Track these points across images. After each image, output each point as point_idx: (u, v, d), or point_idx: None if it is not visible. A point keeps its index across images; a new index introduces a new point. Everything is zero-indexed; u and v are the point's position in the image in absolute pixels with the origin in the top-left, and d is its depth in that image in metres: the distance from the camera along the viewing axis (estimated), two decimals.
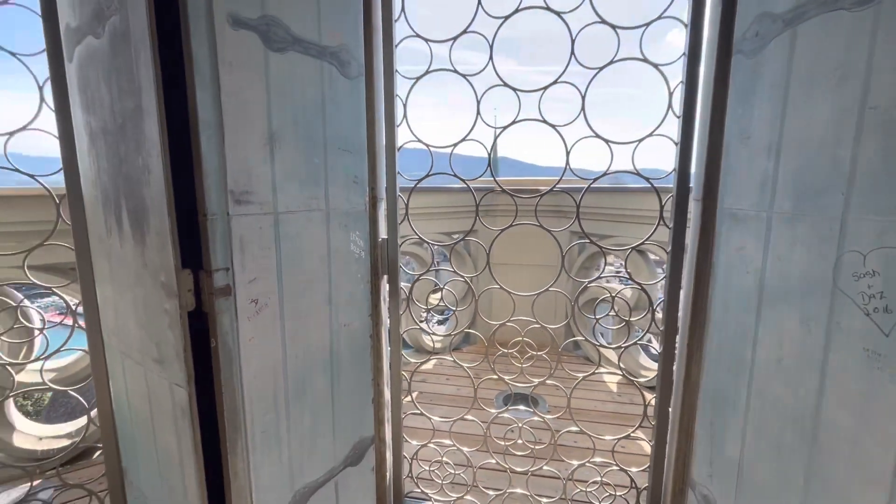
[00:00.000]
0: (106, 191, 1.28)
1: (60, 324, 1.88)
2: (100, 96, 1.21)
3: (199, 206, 1.11)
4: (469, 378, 1.97)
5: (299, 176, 1.33)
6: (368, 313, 1.70)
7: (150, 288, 1.17)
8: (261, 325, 1.26)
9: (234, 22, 1.12)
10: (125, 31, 1.06)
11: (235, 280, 1.18)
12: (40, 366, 1.86)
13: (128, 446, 1.60)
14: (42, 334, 1.68)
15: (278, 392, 1.34)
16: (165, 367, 1.18)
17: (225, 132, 1.12)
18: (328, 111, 1.41)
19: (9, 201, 2.07)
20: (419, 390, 3.24)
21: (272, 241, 1.27)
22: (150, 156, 1.06)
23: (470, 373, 1.91)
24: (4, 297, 2.04)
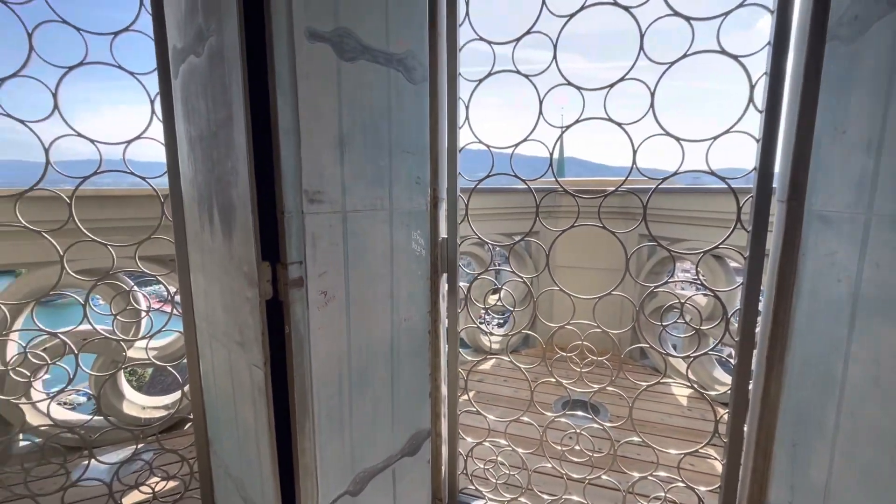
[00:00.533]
0: (201, 191, 1.44)
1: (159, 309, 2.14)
2: (198, 108, 1.38)
3: (278, 204, 1.22)
4: (527, 381, 1.96)
5: (366, 177, 1.41)
6: (427, 310, 1.75)
7: (235, 278, 1.30)
8: (328, 316, 1.36)
9: (310, 35, 1.22)
10: (220, 49, 1.20)
11: (307, 273, 1.28)
12: (145, 344, 2.13)
13: (213, 419, 1.79)
14: (148, 316, 1.94)
15: (343, 379, 1.43)
16: (246, 349, 1.31)
17: (301, 138, 1.22)
18: (394, 115, 1.48)
19: (123, 200, 2.40)
20: (476, 389, 3.27)
21: (340, 238, 1.36)
22: (238, 160, 1.19)
23: (527, 375, 1.89)
24: (119, 282, 2.36)
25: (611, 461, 1.87)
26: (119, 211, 2.38)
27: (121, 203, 2.40)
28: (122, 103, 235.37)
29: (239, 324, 1.33)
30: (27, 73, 1.58)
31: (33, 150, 1.81)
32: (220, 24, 1.19)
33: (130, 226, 2.36)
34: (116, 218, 2.34)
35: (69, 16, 1.63)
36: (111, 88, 37.00)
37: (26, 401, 2.28)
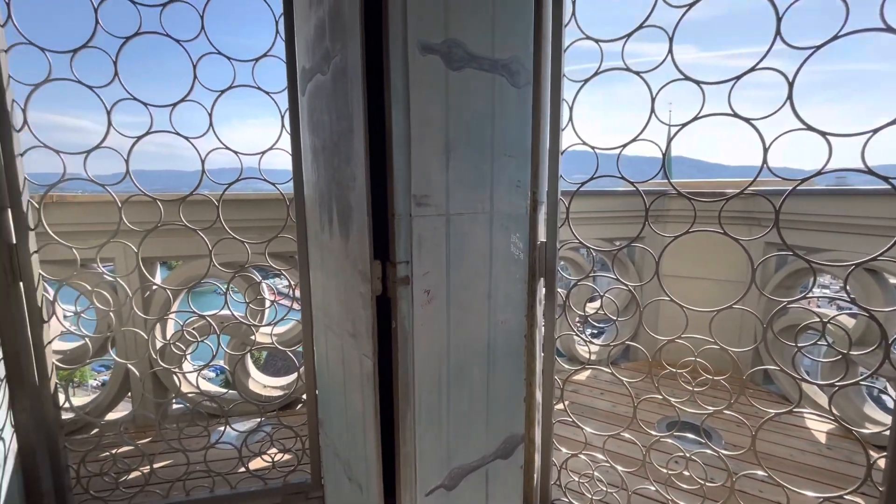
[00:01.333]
0: (322, 195, 1.61)
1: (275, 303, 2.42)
2: (322, 121, 1.54)
3: (389, 207, 1.31)
4: (629, 396, 1.84)
5: (468, 181, 1.45)
6: (524, 314, 1.74)
7: (350, 274, 1.43)
8: (430, 314, 1.42)
9: (422, 49, 1.29)
10: (344, 67, 1.33)
11: (413, 272, 1.35)
12: (270, 329, 2.43)
13: (324, 402, 1.97)
14: (273, 305, 2.21)
15: (441, 375, 1.48)
16: (357, 340, 1.42)
17: (412, 145, 1.30)
18: (497, 120, 1.51)
19: (254, 203, 2.74)
20: (570, 400, 3.15)
21: (443, 240, 1.41)
22: (356, 166, 1.30)
23: (630, 390, 1.79)
24: (250, 275, 2.72)
25: (727, 494, 1.68)
26: (251, 212, 2.72)
27: (253, 206, 2.75)
28: (249, 118, 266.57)
29: (352, 316, 1.45)
30: (191, 98, 1.91)
31: (179, 161, 2.17)
32: (344, 45, 1.32)
33: (259, 226, 2.68)
34: (249, 219, 2.68)
35: (219, 46, 1.92)
36: (241, 105, 42.44)
37: (180, 370, 2.72)
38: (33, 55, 1.85)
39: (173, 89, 2.55)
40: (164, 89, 36.82)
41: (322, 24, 1.46)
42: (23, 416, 1.82)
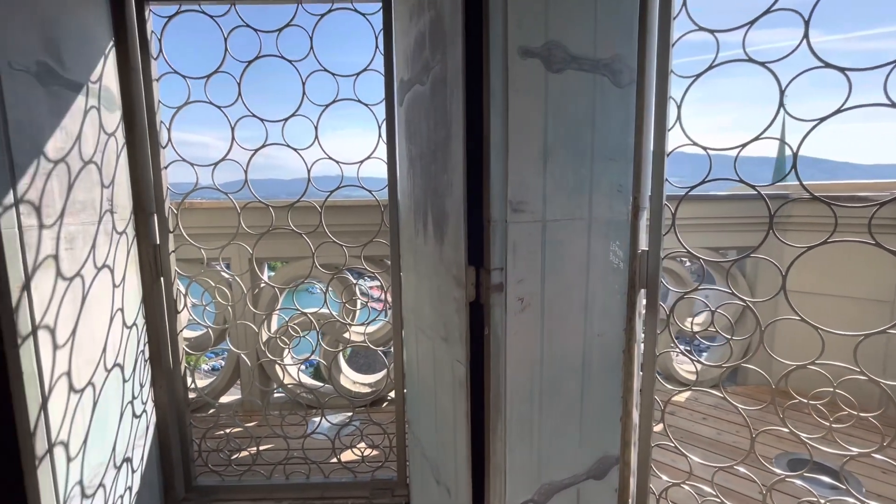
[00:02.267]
0: (418, 202, 1.65)
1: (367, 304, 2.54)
2: (419, 130, 1.58)
3: (485, 213, 1.31)
4: (738, 424, 1.64)
5: (566, 186, 1.40)
6: (623, 327, 1.63)
7: (444, 279, 1.44)
8: (524, 322, 1.39)
9: (522, 53, 1.27)
10: (443, 76, 1.35)
11: (507, 279, 1.33)
12: (363, 329, 2.56)
13: (413, 402, 2.02)
14: (366, 306, 2.32)
15: (534, 386, 1.44)
16: (450, 345, 1.43)
17: (509, 151, 1.29)
18: (597, 122, 1.43)
19: (349, 209, 2.90)
20: (666, 423, 2.90)
21: (539, 247, 1.38)
22: (454, 173, 1.32)
23: (747, 418, 1.59)
24: (346, 276, 2.89)
25: None
26: (346, 217, 2.89)
27: (348, 211, 2.91)
28: (341, 129, 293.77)
29: (444, 321, 1.47)
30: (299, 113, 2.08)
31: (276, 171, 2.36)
32: (444, 54, 1.35)
33: (353, 230, 2.83)
34: (345, 223, 2.84)
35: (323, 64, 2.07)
36: (335, 117, 47.50)
37: (282, 363, 2.97)
38: (168, 81, 2.15)
39: (273, 105, 2.86)
40: (269, 105, 41.43)
41: (422, 36, 1.50)
42: (160, 394, 2.11)
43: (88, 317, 1.61)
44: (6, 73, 1.31)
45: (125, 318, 1.84)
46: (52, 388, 1.45)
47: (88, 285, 1.62)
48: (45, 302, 1.43)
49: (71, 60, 1.58)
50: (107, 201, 1.74)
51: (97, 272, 1.67)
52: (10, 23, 1.34)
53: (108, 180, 1.76)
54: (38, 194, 1.41)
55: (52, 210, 1.46)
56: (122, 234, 1.84)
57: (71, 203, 1.54)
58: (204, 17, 2.01)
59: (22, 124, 1.36)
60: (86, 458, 1.60)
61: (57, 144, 1.49)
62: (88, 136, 1.64)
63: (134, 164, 1.95)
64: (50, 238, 1.45)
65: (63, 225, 1.50)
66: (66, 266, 1.51)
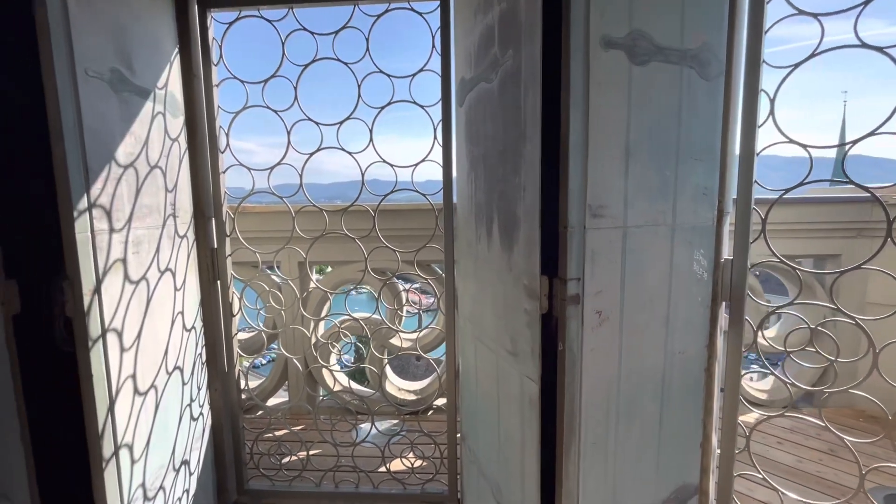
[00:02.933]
0: (480, 206, 1.57)
1: (419, 312, 2.47)
2: (483, 130, 1.50)
3: (561, 219, 1.21)
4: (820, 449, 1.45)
5: (649, 189, 1.28)
6: (705, 343, 1.49)
7: (511, 288, 1.35)
8: (601, 337, 1.27)
9: (605, 44, 1.17)
10: (516, 72, 1.27)
11: (584, 290, 1.23)
12: (416, 335, 2.50)
13: (469, 415, 1.93)
14: (419, 312, 2.26)
15: (610, 407, 1.32)
16: (519, 359, 1.34)
17: (589, 150, 1.18)
18: (683, 118, 1.31)
19: (401, 213, 2.84)
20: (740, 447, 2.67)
21: (619, 255, 1.26)
22: (527, 175, 1.23)
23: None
24: (395, 283, 2.85)
25: None
26: (395, 222, 2.83)
27: (396, 215, 2.86)
28: (390, 133, 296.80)
29: (512, 333, 1.37)
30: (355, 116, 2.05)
31: (316, 175, 2.34)
32: (517, 48, 1.26)
33: (402, 235, 2.78)
34: (395, 228, 2.78)
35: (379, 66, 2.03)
36: (378, 122, 47.89)
37: (329, 367, 2.96)
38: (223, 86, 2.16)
39: (323, 111, 2.91)
40: (319, 111, 42.21)
41: (490, 30, 1.43)
42: (216, 396, 2.12)
43: (152, 320, 1.63)
44: (82, 80, 1.34)
45: (185, 320, 1.85)
46: (119, 391, 1.47)
47: (153, 289, 1.63)
48: (114, 305, 1.45)
49: (140, 67, 1.60)
50: (170, 205, 1.76)
51: (160, 276, 1.68)
52: (87, 31, 1.37)
53: (172, 185, 1.78)
54: (109, 199, 1.43)
55: (122, 214, 1.48)
56: (184, 237, 1.86)
57: (138, 207, 1.56)
58: (258, 22, 2.02)
59: (95, 130, 1.38)
60: (148, 460, 1.61)
61: (127, 150, 1.51)
62: (155, 142, 1.67)
63: (195, 168, 1.97)
64: (119, 242, 1.47)
65: (131, 229, 1.52)
66: (132, 270, 1.53)
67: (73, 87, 1.31)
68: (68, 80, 1.30)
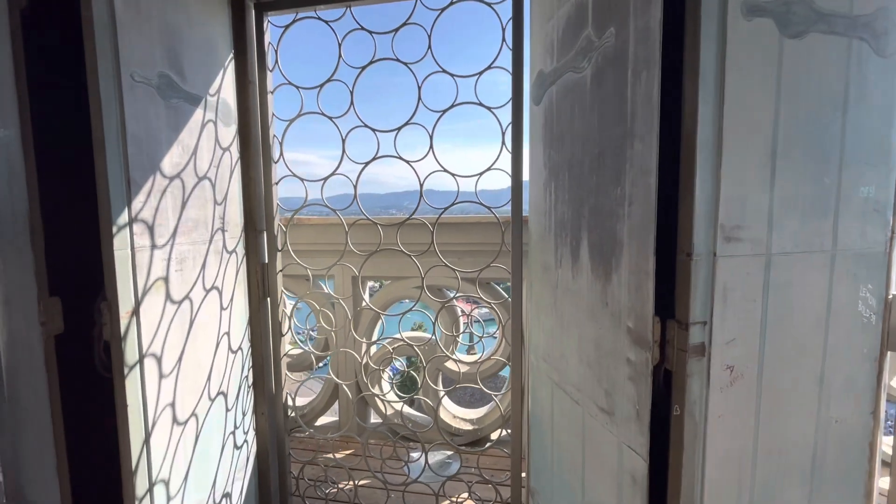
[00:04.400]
0: (562, 222, 1.30)
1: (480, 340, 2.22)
2: (570, 130, 1.24)
3: (682, 243, 0.92)
4: None
5: (801, 204, 0.96)
6: (870, 409, 1.11)
7: (608, 330, 1.07)
8: (733, 401, 0.96)
9: (748, 10, 0.87)
10: (618, 55, 1.00)
11: (712, 338, 0.92)
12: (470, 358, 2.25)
13: (542, 469, 1.64)
14: (481, 341, 2.01)
15: (742, 492, 0.99)
16: (616, 422, 1.05)
17: (723, 152, 0.89)
18: (850, 108, 0.97)
19: (460, 227, 2.59)
20: None
21: (759, 291, 0.94)
22: (635, 185, 0.95)
23: None
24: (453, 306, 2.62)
25: None
26: (455, 236, 2.57)
27: (458, 229, 2.59)
28: (447, 143, 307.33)
29: (607, 387, 1.09)
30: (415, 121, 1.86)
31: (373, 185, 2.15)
32: (620, 25, 0.99)
33: (463, 250, 2.53)
34: (454, 242, 2.53)
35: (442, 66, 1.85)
36: (439, 133, 47.51)
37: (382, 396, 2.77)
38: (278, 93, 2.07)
39: (376, 120, 2.80)
40: (372, 121, 42.91)
41: (580, 9, 1.17)
42: (262, 421, 1.99)
43: (195, 342, 1.51)
44: (128, 86, 1.24)
45: (231, 341, 1.73)
46: (156, 422, 1.34)
47: (196, 309, 1.52)
48: (154, 328, 1.33)
49: (192, 73, 1.51)
50: (218, 219, 1.65)
51: (206, 294, 1.57)
52: (136, 33, 1.28)
53: (221, 197, 1.67)
54: (151, 213, 1.32)
55: (165, 229, 1.37)
56: (233, 252, 1.75)
57: (183, 221, 1.45)
58: (310, 26, 1.90)
59: (140, 139, 1.28)
60: (186, 495, 1.48)
61: (173, 160, 1.41)
62: (204, 151, 1.56)
63: (247, 179, 1.87)
64: (161, 259, 1.36)
65: (174, 245, 1.41)
66: (175, 289, 1.41)
67: (117, 93, 1.21)
68: (112, 84, 1.20)
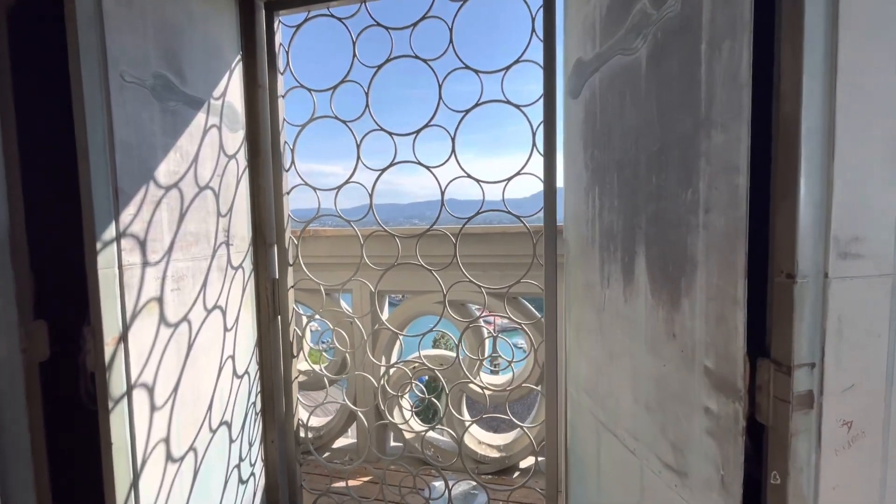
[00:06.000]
0: (610, 233, 1.10)
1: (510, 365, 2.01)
2: (620, 124, 1.04)
3: (780, 261, 0.71)
4: None
5: None
6: None
7: (676, 367, 0.86)
8: (851, 467, 0.73)
9: None
10: (685, 27, 0.80)
11: (824, 385, 0.70)
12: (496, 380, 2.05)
13: None
14: (510, 366, 1.80)
15: None
16: (690, 486, 0.83)
17: (836, 141, 0.68)
18: None
19: (486, 237, 2.38)
20: None
21: (885, 324, 0.72)
22: (714, 188, 0.74)
23: None
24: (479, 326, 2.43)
25: None
26: (479, 247, 2.36)
27: (486, 240, 2.38)
28: (468, 150, 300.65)
29: (674, 439, 0.87)
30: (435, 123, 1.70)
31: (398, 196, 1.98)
32: None
33: (490, 262, 2.33)
34: (478, 254, 2.33)
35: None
36: (462, 143, 45.27)
37: (402, 422, 2.59)
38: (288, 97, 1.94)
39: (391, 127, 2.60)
40: (391, 117, 41.31)
41: None
42: (271, 450, 1.83)
43: (194, 369, 1.37)
44: (116, 87, 1.11)
45: (236, 366, 1.59)
46: (147, 460, 1.20)
47: (196, 331, 1.37)
48: (145, 355, 1.19)
49: (193, 74, 1.38)
50: (223, 232, 1.51)
51: (207, 315, 1.43)
52: (128, 30, 1.16)
53: (226, 208, 1.54)
54: (143, 226, 1.19)
55: (159, 244, 1.24)
56: (238, 268, 1.61)
57: (182, 235, 1.32)
58: (320, 24, 1.77)
59: (130, 144, 1.15)
60: None
61: (170, 168, 1.28)
62: (206, 159, 1.44)
63: (256, 189, 1.74)
64: (154, 278, 1.22)
65: (171, 261, 1.27)
66: (171, 310, 1.27)
67: (104, 93, 1.09)
68: (99, 84, 1.08)
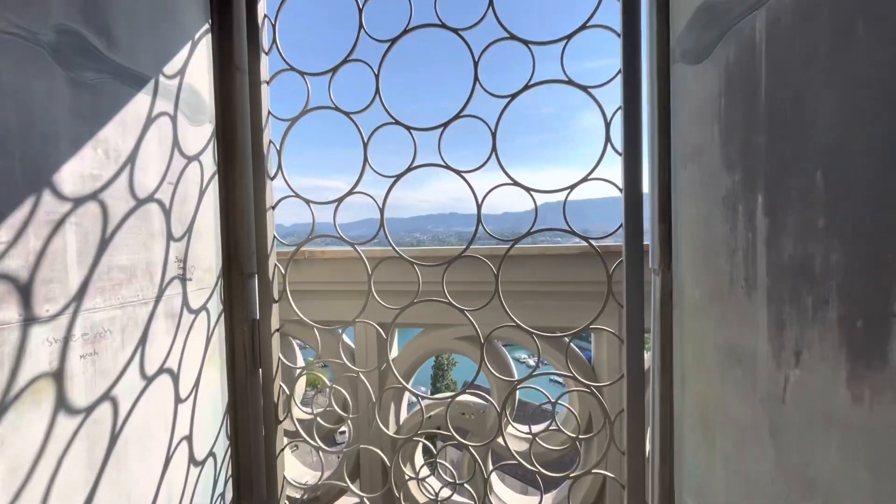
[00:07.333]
0: (795, 271, 0.64)
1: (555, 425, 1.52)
2: (814, 94, 0.60)
3: None
4: None
5: None
6: None
7: None
8: None
9: None
10: None
11: None
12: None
13: None
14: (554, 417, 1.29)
15: None
16: None
17: None
18: None
19: (532, 260, 1.83)
20: None
21: None
22: None
23: None
24: None
25: None
26: (519, 272, 1.80)
27: (536, 264, 1.83)
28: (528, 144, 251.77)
29: None
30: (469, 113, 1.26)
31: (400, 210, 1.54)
32: None
33: (541, 290, 1.77)
34: (527, 280, 1.77)
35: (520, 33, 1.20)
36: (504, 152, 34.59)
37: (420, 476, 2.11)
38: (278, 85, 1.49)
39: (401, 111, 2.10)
40: (407, 110, 37.68)
41: None
42: None
43: (119, 469, 0.91)
44: None
45: (194, 450, 1.13)
46: None
47: (126, 414, 0.93)
48: (26, 464, 0.75)
49: (129, 37, 0.97)
50: (175, 263, 1.08)
51: (147, 385, 0.98)
52: None
53: (182, 229, 1.11)
54: (26, 262, 0.75)
55: (60, 287, 0.80)
56: (200, 311, 1.17)
57: (103, 272, 0.88)
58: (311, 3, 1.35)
59: (7, 130, 0.72)
60: None
61: (83, 169, 0.85)
62: (151, 159, 1.01)
63: (230, 202, 1.31)
64: (47, 341, 0.78)
65: (80, 312, 0.83)
66: (79, 388, 0.83)
67: None
68: None
